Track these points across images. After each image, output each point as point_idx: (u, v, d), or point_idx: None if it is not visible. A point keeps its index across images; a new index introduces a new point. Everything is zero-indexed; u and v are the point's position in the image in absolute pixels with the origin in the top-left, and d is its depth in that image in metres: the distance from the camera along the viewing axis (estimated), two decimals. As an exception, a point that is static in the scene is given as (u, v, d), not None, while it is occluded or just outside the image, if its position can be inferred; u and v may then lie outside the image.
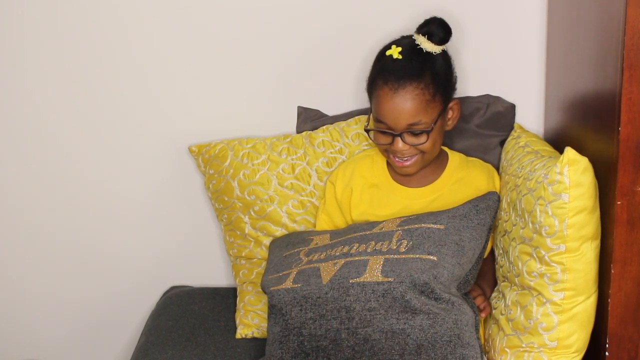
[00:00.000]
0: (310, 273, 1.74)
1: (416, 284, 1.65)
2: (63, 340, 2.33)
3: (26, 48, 2.13)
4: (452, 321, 1.67)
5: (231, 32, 2.11)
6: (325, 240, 1.84)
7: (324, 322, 1.70)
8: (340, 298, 1.69)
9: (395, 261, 1.68)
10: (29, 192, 2.23)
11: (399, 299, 1.66)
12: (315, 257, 1.78)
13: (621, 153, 1.58)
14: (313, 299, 1.71)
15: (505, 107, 2.04)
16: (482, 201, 1.79)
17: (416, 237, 1.71)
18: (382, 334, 1.67)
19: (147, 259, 2.27)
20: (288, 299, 1.74)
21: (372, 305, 1.67)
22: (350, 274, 1.69)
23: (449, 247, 1.69)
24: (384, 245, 1.72)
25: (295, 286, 1.74)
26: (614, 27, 1.58)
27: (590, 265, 1.64)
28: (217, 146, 2.09)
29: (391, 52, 1.81)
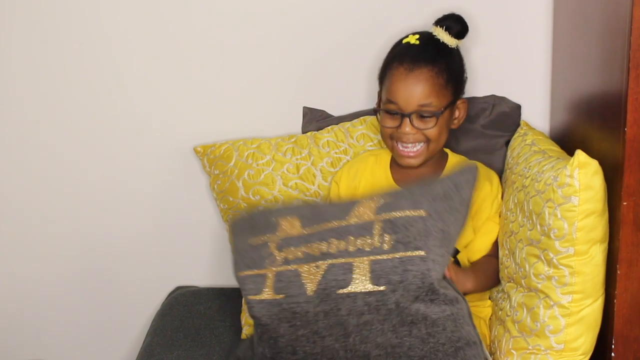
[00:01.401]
0: (291, 278, 1.63)
1: (409, 289, 1.58)
2: (69, 340, 2.33)
3: (29, 47, 2.13)
4: (451, 322, 1.61)
5: (236, 34, 2.11)
6: (296, 228, 1.70)
7: (319, 339, 1.62)
8: (331, 312, 1.60)
9: (382, 264, 1.59)
10: (34, 193, 2.23)
11: (394, 310, 1.59)
12: (291, 256, 1.66)
13: (627, 154, 1.58)
14: (302, 314, 1.62)
15: (510, 108, 2.04)
16: (461, 175, 1.70)
17: (399, 229, 1.61)
18: (381, 349, 1.61)
19: (152, 260, 2.27)
20: (273, 313, 1.63)
21: (366, 318, 1.59)
22: (337, 283, 1.60)
23: (435, 237, 1.60)
24: (365, 241, 1.62)
25: (278, 297, 1.62)
26: (620, 27, 1.58)
27: (598, 268, 1.64)
28: (222, 146, 2.09)
29: (408, 39, 1.86)
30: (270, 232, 1.72)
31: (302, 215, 1.72)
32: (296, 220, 1.72)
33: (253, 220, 1.79)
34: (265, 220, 1.76)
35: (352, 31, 2.08)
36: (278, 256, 1.67)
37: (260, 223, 1.76)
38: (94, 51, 2.12)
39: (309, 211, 1.74)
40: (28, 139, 2.19)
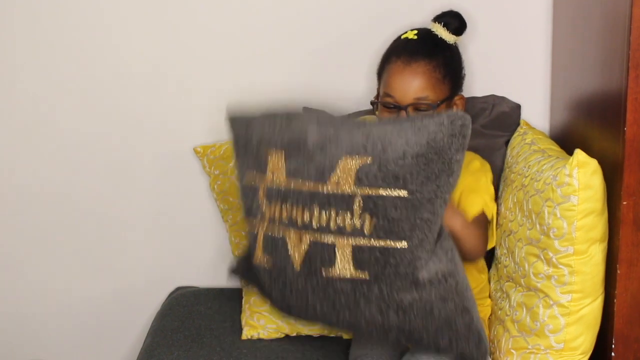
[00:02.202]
0: (279, 244, 1.68)
1: (392, 282, 1.60)
2: (69, 340, 2.33)
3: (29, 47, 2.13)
4: (440, 301, 1.61)
5: (237, 33, 2.11)
6: (281, 176, 1.67)
7: (311, 309, 1.69)
8: (319, 288, 1.65)
9: (364, 252, 1.59)
10: (34, 193, 2.23)
11: (379, 296, 1.61)
12: (277, 214, 1.67)
13: (627, 153, 1.58)
14: (290, 286, 1.69)
15: (510, 108, 2.04)
16: (446, 129, 1.55)
17: (379, 211, 1.57)
18: (370, 324, 1.65)
19: (152, 260, 2.27)
20: (266, 277, 1.73)
21: (355, 299, 1.63)
22: (322, 262, 1.63)
23: (420, 229, 1.58)
24: (346, 219, 1.60)
25: (268, 266, 1.71)
26: (620, 27, 1.58)
27: (598, 267, 1.64)
28: (222, 147, 2.09)
29: (407, 35, 1.87)
30: (260, 172, 1.71)
31: (288, 148, 1.67)
32: (281, 157, 1.68)
33: (249, 132, 1.75)
34: (256, 145, 1.73)
35: (351, 30, 2.08)
36: (266, 210, 1.69)
37: (255, 144, 1.73)
38: (94, 51, 2.13)
39: (294, 143, 1.67)
40: (28, 139, 2.19)
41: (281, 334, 2.02)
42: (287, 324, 2.01)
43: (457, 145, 1.55)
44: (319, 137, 1.64)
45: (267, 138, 1.70)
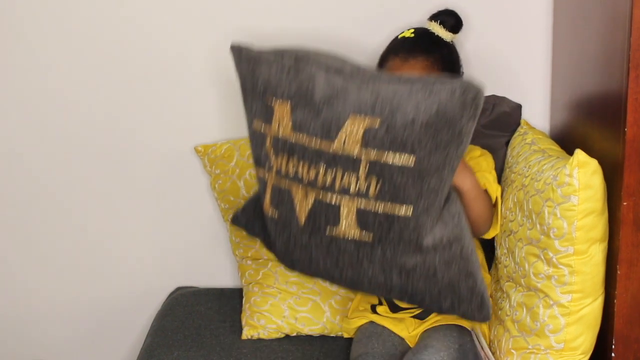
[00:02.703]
0: (285, 198, 1.67)
1: (396, 246, 1.60)
2: (69, 341, 2.33)
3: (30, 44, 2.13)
4: (444, 265, 1.62)
5: (236, 32, 2.11)
6: (287, 128, 1.65)
7: (314, 264, 1.71)
8: (322, 246, 1.66)
9: (368, 215, 1.59)
10: (35, 192, 2.23)
11: (382, 258, 1.62)
12: (283, 167, 1.66)
13: (627, 154, 1.58)
14: (295, 240, 1.70)
15: (511, 107, 2.04)
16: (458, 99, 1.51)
17: (385, 176, 1.56)
18: (373, 283, 1.67)
19: (152, 260, 2.27)
20: (272, 227, 1.74)
21: (358, 258, 1.65)
22: (326, 221, 1.63)
23: (427, 197, 1.56)
24: (352, 181, 1.58)
25: (274, 215, 1.72)
26: (620, 27, 1.58)
27: (598, 268, 1.64)
28: (223, 146, 2.09)
29: (404, 34, 1.88)
30: (267, 122, 1.69)
31: (294, 99, 1.64)
32: (287, 108, 1.65)
33: (255, 76, 1.72)
34: (262, 99, 1.70)
35: (350, 30, 2.08)
36: (273, 162, 1.69)
37: (257, 95, 1.71)
38: (94, 50, 2.12)
39: (301, 94, 1.64)
40: (27, 139, 2.19)
41: (281, 333, 2.02)
42: (287, 324, 2.01)
43: (469, 116, 1.52)
44: (326, 89, 1.60)
45: (274, 86, 1.67)
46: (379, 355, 1.82)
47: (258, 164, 1.75)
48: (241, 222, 1.95)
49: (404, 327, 1.90)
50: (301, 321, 2.02)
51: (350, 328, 1.98)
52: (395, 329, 1.90)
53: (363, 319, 1.95)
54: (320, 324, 2.03)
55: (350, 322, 1.97)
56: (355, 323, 1.96)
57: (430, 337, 1.82)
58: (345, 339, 2.01)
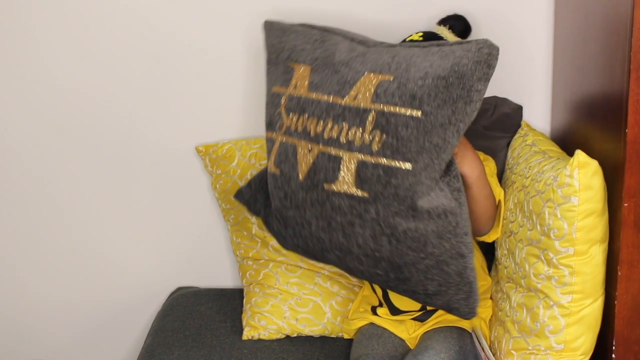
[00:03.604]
0: (289, 153, 1.68)
1: (389, 204, 1.58)
2: (69, 341, 2.33)
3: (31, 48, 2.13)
4: (435, 237, 1.59)
5: (238, 32, 2.11)
6: (303, 88, 1.68)
7: (306, 224, 1.69)
8: (317, 204, 1.65)
9: (368, 169, 1.58)
10: (34, 193, 2.23)
11: (375, 219, 1.60)
12: (293, 123, 1.68)
13: (628, 155, 1.58)
14: (292, 196, 1.69)
15: (512, 109, 2.04)
16: (472, 54, 1.52)
17: (390, 128, 1.55)
18: (362, 250, 1.64)
19: (153, 260, 2.27)
20: (272, 184, 1.74)
21: (349, 219, 1.62)
22: (325, 176, 1.62)
23: (428, 153, 1.55)
24: (357, 134, 1.58)
25: (276, 172, 1.71)
26: (621, 29, 1.58)
27: (598, 268, 1.64)
28: (224, 146, 2.09)
29: (412, 37, 1.85)
30: (284, 84, 1.72)
31: (315, 64, 1.68)
32: (307, 71, 1.69)
33: (282, 42, 1.76)
34: (284, 65, 1.74)
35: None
36: (284, 121, 1.69)
37: (287, 50, 1.74)
38: (95, 49, 2.13)
39: (322, 60, 1.68)
40: (28, 138, 2.19)
41: (282, 334, 2.02)
42: (288, 324, 2.02)
43: (480, 74, 1.52)
44: (347, 53, 1.63)
45: (298, 51, 1.70)
46: (379, 356, 1.83)
47: (269, 127, 1.75)
48: (244, 197, 1.92)
49: (404, 329, 1.90)
50: (302, 322, 2.02)
51: (351, 329, 1.98)
52: (395, 330, 1.90)
53: (363, 321, 1.95)
54: (321, 325, 2.03)
55: (351, 324, 1.97)
56: (356, 324, 1.96)
57: (431, 338, 1.82)
58: (345, 340, 2.01)
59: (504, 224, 1.83)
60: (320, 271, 2.05)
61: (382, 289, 1.91)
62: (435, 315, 1.89)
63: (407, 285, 1.67)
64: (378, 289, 1.93)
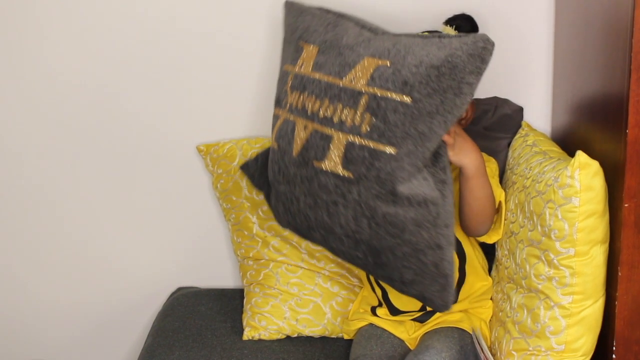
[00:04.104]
0: (288, 129, 1.72)
1: (370, 187, 1.60)
2: (70, 341, 2.33)
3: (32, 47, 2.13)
4: (413, 225, 1.60)
5: (238, 32, 2.11)
6: (309, 63, 1.72)
7: (295, 200, 1.73)
8: (307, 180, 1.68)
9: (355, 150, 1.60)
10: (35, 193, 2.23)
11: (357, 201, 1.63)
12: (294, 101, 1.72)
13: (629, 155, 1.58)
14: (284, 171, 1.73)
15: (513, 110, 2.04)
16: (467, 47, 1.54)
17: (380, 111, 1.58)
18: (343, 230, 1.67)
19: (153, 260, 2.27)
20: (270, 157, 1.78)
21: (333, 198, 1.65)
22: (316, 153, 1.66)
23: (413, 140, 1.58)
24: (349, 115, 1.62)
25: (275, 146, 1.75)
26: (621, 29, 1.58)
27: (599, 269, 1.64)
28: (225, 145, 2.09)
29: None
30: (293, 62, 1.76)
31: (323, 45, 1.72)
32: (315, 51, 1.72)
33: (297, 23, 1.80)
34: (295, 44, 1.77)
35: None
36: (289, 98, 1.73)
37: (292, 41, 1.79)
38: (96, 48, 2.12)
39: (331, 42, 1.71)
40: (29, 137, 2.19)
41: (282, 334, 2.02)
42: (288, 325, 2.02)
43: (472, 67, 1.54)
44: (354, 38, 1.67)
45: (310, 32, 1.74)
46: (377, 357, 1.83)
47: (277, 104, 1.79)
48: (249, 170, 1.95)
49: (403, 330, 1.90)
50: (302, 322, 2.02)
51: (350, 330, 1.98)
52: (395, 331, 1.90)
53: (363, 321, 1.95)
54: (321, 326, 2.03)
55: (351, 324, 1.97)
56: (355, 325, 1.96)
57: (432, 338, 1.82)
58: (345, 341, 2.01)
59: (505, 224, 1.83)
60: (320, 271, 2.05)
61: (381, 289, 1.91)
62: (435, 317, 1.89)
63: (384, 270, 1.69)
64: (377, 289, 1.93)
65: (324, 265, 2.04)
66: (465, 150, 1.71)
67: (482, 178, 1.74)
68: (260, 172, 1.91)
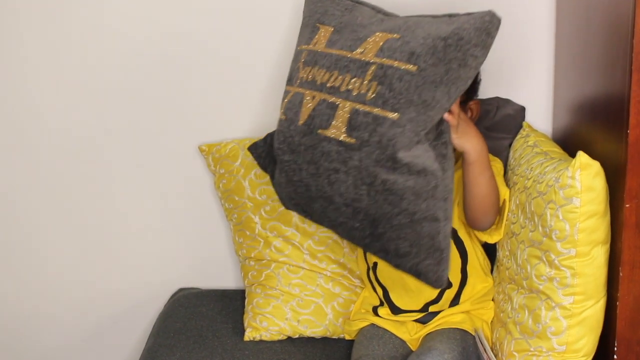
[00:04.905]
0: (297, 101, 1.75)
1: (371, 152, 1.62)
2: (71, 342, 2.33)
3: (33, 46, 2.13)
4: (412, 194, 1.62)
5: (241, 32, 2.11)
6: (323, 41, 1.77)
7: (297, 169, 1.74)
8: (310, 148, 1.70)
9: (359, 117, 1.63)
10: (36, 192, 2.23)
11: (357, 167, 1.65)
12: (305, 75, 1.75)
13: (630, 156, 1.58)
14: (289, 140, 1.74)
15: (515, 110, 2.04)
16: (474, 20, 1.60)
17: (386, 79, 1.62)
18: (342, 199, 1.68)
19: (155, 261, 2.27)
20: (277, 129, 1.79)
21: (335, 166, 1.67)
22: (320, 122, 1.68)
23: (415, 107, 1.61)
24: (356, 84, 1.65)
25: (282, 117, 1.77)
26: (622, 30, 1.58)
27: (600, 270, 1.64)
28: (227, 145, 2.09)
29: None
30: (307, 42, 1.79)
31: (338, 26, 1.77)
32: (329, 31, 1.77)
33: None
34: (312, 27, 1.81)
35: None
36: (300, 73, 1.77)
37: (310, 24, 1.82)
38: (98, 48, 2.13)
39: (346, 23, 1.76)
40: (29, 136, 2.19)
41: (283, 335, 2.02)
42: (290, 326, 2.02)
43: (478, 40, 1.58)
44: (368, 19, 1.73)
45: (328, 15, 1.79)
46: (380, 357, 1.83)
47: (288, 82, 1.82)
48: (257, 150, 1.97)
49: (405, 330, 1.90)
50: (303, 323, 2.02)
51: (352, 330, 1.98)
52: (396, 331, 1.90)
53: (365, 322, 1.95)
54: (323, 327, 2.03)
55: (352, 324, 1.97)
56: (357, 325, 1.96)
57: (434, 339, 1.82)
58: (347, 341, 2.01)
59: (505, 225, 1.83)
60: (322, 272, 2.05)
61: (382, 287, 1.92)
62: (437, 318, 1.89)
63: (380, 242, 1.70)
64: (378, 288, 1.93)
65: (326, 266, 2.04)
66: (468, 135, 1.73)
67: (484, 165, 1.76)
68: (268, 152, 1.93)
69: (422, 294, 1.88)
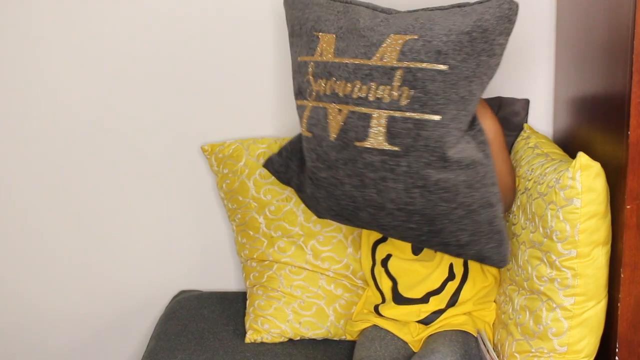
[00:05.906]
0: (320, 116, 1.72)
1: (420, 156, 1.63)
2: (72, 345, 2.33)
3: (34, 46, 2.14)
4: (465, 187, 1.65)
5: (243, 32, 2.11)
6: (329, 51, 1.73)
7: (339, 184, 1.73)
8: (350, 162, 1.69)
9: (398, 123, 1.63)
10: (36, 192, 2.23)
11: (407, 172, 1.65)
12: (322, 88, 1.72)
13: (630, 157, 1.58)
14: (324, 157, 1.73)
15: (517, 109, 2.04)
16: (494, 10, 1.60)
17: (418, 83, 1.61)
18: (395, 204, 1.69)
19: (156, 263, 2.27)
20: (305, 146, 1.78)
21: (381, 175, 1.67)
22: (356, 134, 1.67)
23: (455, 105, 1.62)
24: (385, 91, 1.64)
25: (308, 135, 1.75)
26: (623, 32, 1.58)
27: (601, 271, 1.64)
28: (231, 146, 2.09)
29: None
30: (309, 53, 1.77)
31: (340, 32, 1.74)
32: (332, 39, 1.75)
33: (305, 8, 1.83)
34: (309, 35, 1.79)
35: None
36: (314, 86, 1.74)
37: (305, 33, 1.79)
38: (99, 48, 2.13)
39: (346, 28, 1.73)
40: (29, 137, 2.19)
41: (285, 337, 2.02)
42: (291, 328, 2.02)
43: (502, 28, 1.60)
44: (370, 20, 1.70)
45: (323, 22, 1.77)
46: (381, 359, 1.83)
47: (299, 95, 1.80)
48: (274, 166, 1.95)
49: (407, 332, 1.90)
50: (305, 325, 2.02)
51: (354, 330, 1.98)
52: (399, 333, 1.90)
53: (367, 323, 1.95)
54: (324, 328, 2.03)
55: (354, 325, 1.97)
56: (359, 326, 1.96)
57: (436, 342, 1.82)
58: (348, 343, 2.01)
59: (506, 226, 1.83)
60: (324, 273, 2.04)
61: (392, 280, 1.91)
62: (439, 319, 1.89)
63: (439, 237, 1.72)
64: (386, 282, 1.92)
65: (329, 266, 2.04)
66: (485, 116, 1.76)
67: (501, 144, 1.80)
68: (287, 165, 1.91)
69: (426, 283, 1.89)
